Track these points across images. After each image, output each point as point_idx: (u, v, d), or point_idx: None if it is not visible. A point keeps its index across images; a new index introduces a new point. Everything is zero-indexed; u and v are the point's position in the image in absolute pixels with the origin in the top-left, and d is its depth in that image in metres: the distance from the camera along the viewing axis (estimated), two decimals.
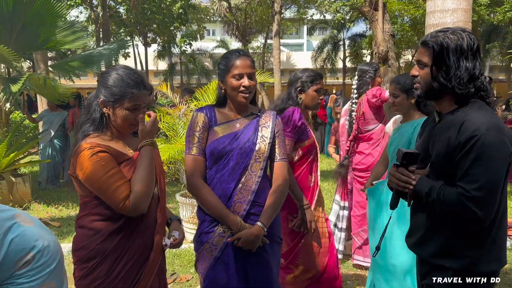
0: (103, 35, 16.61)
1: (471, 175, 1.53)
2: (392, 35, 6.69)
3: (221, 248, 2.05)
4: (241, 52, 2.13)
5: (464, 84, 1.60)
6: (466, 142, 1.53)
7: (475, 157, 1.52)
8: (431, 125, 1.80)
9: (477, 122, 1.54)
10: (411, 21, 20.07)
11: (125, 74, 1.79)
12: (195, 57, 27.24)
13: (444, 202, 1.57)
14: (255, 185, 2.08)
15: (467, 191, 1.52)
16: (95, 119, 1.81)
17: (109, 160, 1.71)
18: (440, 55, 1.62)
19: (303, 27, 34.55)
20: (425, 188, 1.63)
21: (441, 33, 1.64)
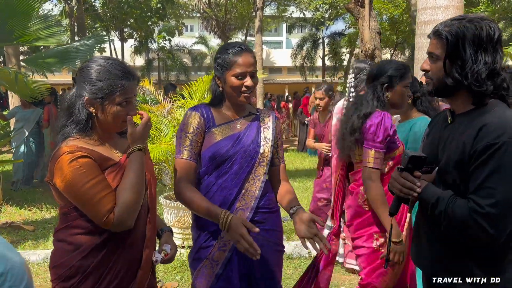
0: (78, 29, 16.09)
1: (487, 188, 1.33)
2: (379, 32, 6.62)
3: (223, 264, 1.86)
4: (243, 47, 1.89)
5: (482, 81, 1.39)
6: (484, 150, 1.33)
7: (494, 168, 1.32)
8: (441, 125, 1.60)
9: (499, 128, 1.34)
10: (390, 20, 20.21)
11: (110, 64, 1.57)
12: (174, 53, 26.85)
13: (452, 216, 1.38)
14: (258, 191, 1.90)
15: (481, 206, 1.32)
16: (80, 121, 1.58)
17: (92, 167, 1.50)
18: (455, 47, 1.41)
19: (282, 24, 34.52)
20: (432, 198, 1.44)
21: (456, 21, 1.43)
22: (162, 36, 23.11)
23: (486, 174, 1.33)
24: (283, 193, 1.98)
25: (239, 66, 1.84)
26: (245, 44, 1.97)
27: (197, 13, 24.66)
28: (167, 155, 4.39)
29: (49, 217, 5.68)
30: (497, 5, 19.84)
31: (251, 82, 1.86)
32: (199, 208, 1.81)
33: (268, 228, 1.93)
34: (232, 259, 1.86)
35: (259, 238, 1.89)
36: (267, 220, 1.94)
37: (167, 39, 23.20)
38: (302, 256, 4.15)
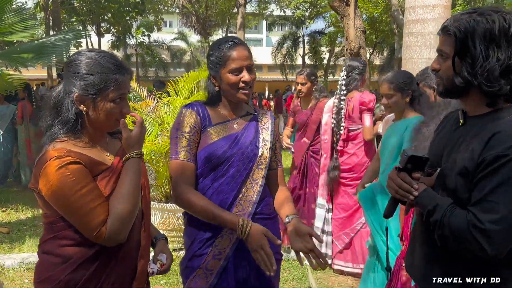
0: (53, 23, 15.61)
1: (490, 202, 1.20)
2: (364, 31, 6.59)
3: (218, 273, 1.74)
4: (236, 41, 1.78)
5: (494, 79, 1.25)
6: (493, 161, 1.20)
7: (500, 182, 1.19)
8: (451, 126, 1.48)
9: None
10: (370, 20, 20.40)
11: (101, 57, 1.43)
12: (152, 49, 26.42)
13: (448, 226, 1.27)
14: (256, 196, 1.79)
15: (481, 221, 1.20)
16: (68, 120, 1.42)
17: (82, 174, 1.36)
18: (464, 43, 1.28)
19: (262, 22, 34.45)
20: (429, 204, 1.33)
21: (466, 15, 1.30)
22: (141, 31, 22.66)
23: (492, 187, 1.21)
24: (281, 201, 1.88)
25: (234, 61, 1.72)
26: (238, 38, 1.86)
27: (177, 8, 24.34)
28: (151, 155, 4.24)
29: (24, 218, 5.44)
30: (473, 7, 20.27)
31: (249, 77, 1.74)
32: (208, 215, 1.69)
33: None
34: (227, 268, 1.75)
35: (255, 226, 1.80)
36: (264, 226, 1.82)
37: (146, 34, 22.77)
38: (291, 257, 4.08)
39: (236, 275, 1.75)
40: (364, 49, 6.72)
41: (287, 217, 1.78)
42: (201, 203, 1.70)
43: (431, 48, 4.36)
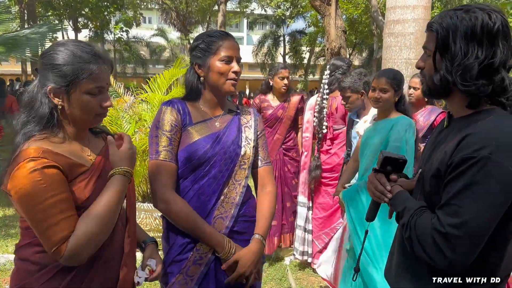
0: (28, 17, 15.18)
1: (454, 206, 1.14)
2: (344, 31, 6.61)
3: (199, 279, 1.66)
4: (227, 32, 1.75)
5: (470, 78, 1.19)
6: (460, 163, 1.14)
7: (465, 185, 1.13)
8: (439, 128, 1.44)
9: (483, 140, 1.14)
10: (349, 21, 20.58)
11: (75, 47, 1.34)
12: (131, 45, 26.03)
13: (414, 229, 1.22)
14: (239, 197, 1.72)
15: (442, 224, 1.14)
16: (42, 115, 1.32)
17: (56, 182, 1.25)
18: (445, 40, 1.24)
19: (243, 20, 34.37)
20: (398, 207, 1.31)
21: (451, 12, 1.26)
22: (119, 27, 22.28)
23: (456, 190, 1.15)
24: (261, 210, 1.80)
25: (225, 49, 1.67)
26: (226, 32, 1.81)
27: (156, 4, 24.05)
28: None
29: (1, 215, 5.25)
30: None
31: (239, 68, 1.70)
32: (190, 225, 1.63)
33: (248, 239, 1.76)
34: (208, 274, 1.67)
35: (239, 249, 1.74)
36: (248, 230, 1.77)
37: (124, 30, 22.40)
38: (271, 258, 4.04)
39: (218, 281, 1.69)
40: (345, 49, 6.74)
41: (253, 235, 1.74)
42: (185, 210, 1.62)
43: (411, 48, 4.40)
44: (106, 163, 1.45)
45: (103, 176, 1.40)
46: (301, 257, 3.89)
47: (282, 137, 4.02)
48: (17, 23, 16.43)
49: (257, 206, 1.81)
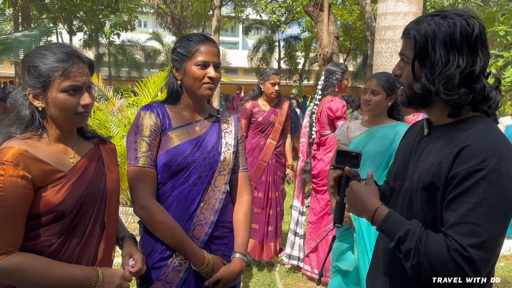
0: (22, 20, 15.11)
1: (470, 224, 1.07)
2: (337, 37, 6.63)
3: (178, 286, 1.63)
4: (206, 37, 1.71)
5: (453, 87, 1.17)
6: (467, 177, 1.09)
7: (479, 199, 1.07)
8: (416, 136, 1.38)
9: (485, 150, 1.10)
10: (344, 26, 20.67)
11: (52, 48, 1.35)
12: (125, 48, 26.00)
13: (425, 254, 1.11)
14: (218, 203, 1.70)
15: (464, 248, 1.06)
16: (23, 118, 1.34)
17: (14, 195, 1.23)
18: (424, 47, 1.20)
19: (238, 25, 34.46)
20: (399, 230, 1.16)
21: (428, 18, 1.22)
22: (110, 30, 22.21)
23: (469, 207, 1.08)
24: (237, 220, 1.79)
25: (201, 54, 1.64)
26: (208, 35, 1.78)
27: (151, 8, 24.05)
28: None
29: None
30: None
31: (215, 73, 1.66)
32: (168, 235, 1.61)
33: (228, 242, 1.75)
34: (188, 280, 1.65)
35: (219, 254, 1.72)
36: (227, 235, 1.75)
37: (115, 33, 22.32)
38: (260, 263, 4.01)
39: (197, 286, 1.66)
40: (337, 55, 6.76)
41: (234, 252, 1.73)
42: (167, 221, 1.60)
43: None
44: (89, 167, 1.43)
45: (82, 179, 1.39)
46: (287, 260, 3.88)
47: (275, 142, 3.99)
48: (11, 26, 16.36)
49: (233, 218, 1.79)
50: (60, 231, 1.33)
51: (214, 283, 1.65)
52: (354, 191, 1.29)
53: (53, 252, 1.32)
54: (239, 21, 28.37)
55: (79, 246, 1.37)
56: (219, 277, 1.65)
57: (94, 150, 1.49)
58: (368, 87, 2.56)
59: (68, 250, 1.35)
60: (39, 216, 1.29)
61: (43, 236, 1.31)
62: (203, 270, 1.63)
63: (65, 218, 1.33)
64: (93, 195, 1.41)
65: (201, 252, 1.64)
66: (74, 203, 1.34)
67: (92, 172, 1.43)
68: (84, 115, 1.39)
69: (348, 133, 2.76)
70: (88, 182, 1.40)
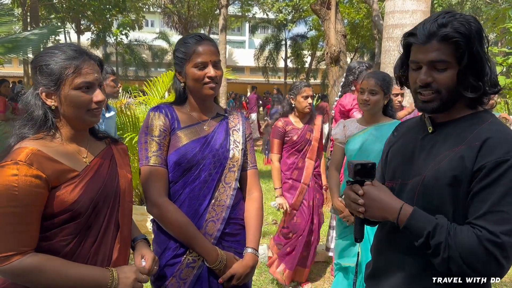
0: (31, 20, 15.26)
1: (500, 213, 1.11)
2: (344, 35, 6.61)
3: (192, 282, 1.66)
4: (202, 36, 1.73)
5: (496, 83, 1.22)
6: (495, 168, 1.12)
7: (508, 189, 1.11)
8: (415, 134, 1.39)
9: (506, 142, 1.15)
10: (351, 25, 20.59)
11: (61, 47, 1.37)
12: (133, 48, 26.12)
13: (455, 247, 1.13)
14: (229, 200, 1.73)
15: (496, 235, 1.10)
16: (36, 118, 1.35)
17: (29, 194, 1.24)
18: (469, 49, 1.19)
19: (245, 24, 34.48)
20: (427, 225, 1.17)
21: (452, 18, 1.20)
22: (118, 30, 22.33)
23: (499, 196, 1.12)
24: (249, 217, 1.81)
25: (199, 55, 1.67)
26: (204, 34, 1.80)
27: (158, 8, 24.14)
28: None
29: None
30: None
31: (214, 72, 1.69)
32: (182, 233, 1.64)
33: (240, 239, 1.78)
34: (201, 276, 1.68)
35: (231, 251, 1.74)
36: (239, 231, 1.78)
37: (124, 33, 22.44)
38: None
39: (211, 283, 1.69)
40: (344, 53, 6.74)
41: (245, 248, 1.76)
42: (180, 219, 1.63)
43: None
44: (102, 166, 1.44)
45: (96, 178, 1.40)
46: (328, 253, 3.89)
47: (313, 161, 3.61)
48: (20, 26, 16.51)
49: (245, 214, 1.82)
50: (75, 230, 1.34)
51: (228, 279, 1.67)
52: (373, 196, 1.27)
53: (69, 252, 1.33)
54: (246, 20, 28.39)
55: (94, 246, 1.38)
56: (233, 273, 1.67)
57: (106, 150, 1.50)
58: (366, 87, 2.57)
59: (83, 249, 1.36)
60: (54, 216, 1.30)
61: (60, 236, 1.32)
62: (216, 266, 1.65)
63: (80, 217, 1.34)
64: (107, 194, 1.42)
65: (214, 249, 1.66)
66: (89, 202, 1.35)
67: (105, 171, 1.45)
68: (96, 112, 1.40)
69: (345, 131, 2.79)
70: (101, 181, 1.41)
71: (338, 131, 2.84)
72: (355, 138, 2.68)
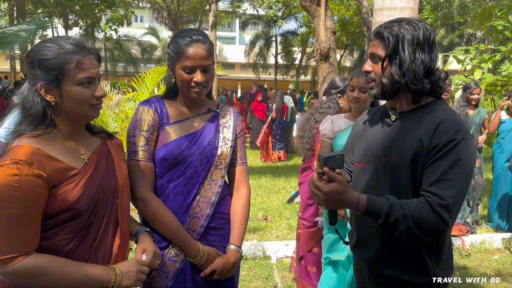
0: (18, 14, 15.04)
1: (448, 180, 1.35)
2: (334, 32, 6.63)
3: (174, 275, 1.67)
4: (194, 37, 1.65)
5: (419, 79, 1.43)
6: (445, 144, 1.37)
7: (454, 162, 1.36)
8: (379, 123, 1.60)
9: (455, 125, 1.40)
10: (341, 22, 20.67)
11: (60, 40, 1.32)
12: (122, 43, 25.90)
13: (409, 218, 1.34)
14: (214, 197, 1.73)
15: (443, 198, 1.34)
16: (35, 115, 1.30)
17: (30, 195, 1.21)
18: (395, 47, 1.45)
19: (235, 20, 34.37)
20: (383, 208, 1.37)
21: (396, 23, 1.47)
22: (108, 26, 22.12)
23: (446, 167, 1.36)
24: (235, 213, 1.81)
25: (187, 59, 1.63)
26: (200, 33, 1.73)
27: (148, 3, 23.98)
28: None
29: None
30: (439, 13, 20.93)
31: (201, 78, 1.65)
32: (167, 229, 1.65)
33: (225, 233, 1.78)
34: (184, 270, 1.68)
35: (216, 244, 1.75)
36: (224, 226, 1.79)
37: (113, 29, 22.23)
38: (257, 256, 4.05)
39: (194, 277, 1.69)
40: (334, 50, 6.76)
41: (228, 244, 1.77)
42: (164, 214, 1.64)
43: None
44: (100, 163, 1.43)
45: (95, 175, 1.38)
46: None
47: None
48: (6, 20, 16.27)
49: (231, 210, 1.82)
50: (76, 229, 1.32)
51: (210, 274, 1.69)
52: (334, 195, 1.38)
53: (70, 251, 1.31)
54: (236, 16, 28.32)
55: (94, 243, 1.37)
56: (214, 268, 1.68)
57: (102, 146, 1.48)
58: (356, 85, 2.60)
59: (84, 248, 1.34)
60: (55, 215, 1.28)
61: (61, 235, 1.30)
62: (198, 261, 1.66)
63: (81, 216, 1.32)
64: (106, 191, 1.41)
65: (196, 244, 1.67)
66: (89, 200, 1.33)
67: (103, 168, 1.43)
68: (97, 107, 1.38)
69: (333, 127, 2.81)
70: (100, 178, 1.39)
71: (326, 127, 2.86)
72: (343, 133, 2.70)
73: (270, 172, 8.41)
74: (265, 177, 7.86)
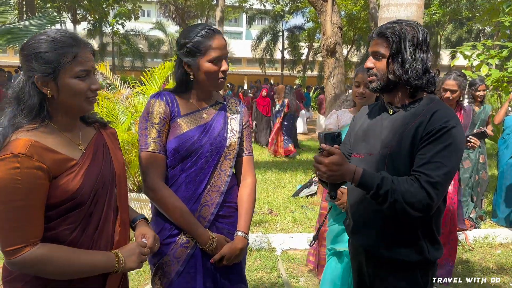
0: (27, 9, 15.14)
1: (438, 162, 1.51)
2: (340, 27, 6.64)
3: (185, 261, 1.76)
4: (214, 29, 1.75)
5: (420, 76, 1.59)
6: (439, 130, 1.52)
7: (445, 146, 1.51)
8: (377, 116, 1.73)
9: (448, 114, 1.56)
10: (348, 17, 20.57)
11: (55, 33, 1.33)
12: (129, 38, 25.98)
13: (399, 192, 1.49)
14: (224, 186, 1.81)
15: (431, 176, 1.49)
16: (31, 107, 1.31)
17: (32, 187, 1.24)
18: (398, 46, 1.60)
19: (242, 15, 34.32)
20: (375, 180, 1.51)
21: (397, 24, 1.62)
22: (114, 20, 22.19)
23: (438, 150, 1.51)
24: (241, 201, 1.89)
25: (214, 50, 1.71)
26: (212, 26, 1.83)
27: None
28: (123, 144, 4.20)
29: None
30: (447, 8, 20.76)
31: (227, 66, 1.77)
32: (177, 217, 1.73)
33: (233, 221, 1.87)
34: (195, 255, 1.77)
35: (224, 232, 1.83)
36: (232, 214, 1.87)
37: (120, 23, 22.30)
38: (262, 248, 4.13)
39: (204, 262, 1.78)
40: (341, 46, 6.77)
41: (236, 231, 1.85)
42: (175, 203, 1.72)
43: None
44: (97, 152, 1.46)
45: (93, 165, 1.42)
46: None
47: None
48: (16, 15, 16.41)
49: (238, 199, 1.89)
50: (78, 218, 1.36)
51: (219, 259, 1.77)
52: (334, 162, 1.52)
53: (73, 240, 1.35)
54: (243, 11, 28.26)
55: (96, 231, 1.41)
56: (223, 254, 1.76)
57: (97, 136, 1.51)
58: (361, 81, 2.64)
59: (86, 236, 1.39)
60: (57, 206, 1.31)
61: (63, 225, 1.34)
62: (207, 248, 1.75)
63: (83, 205, 1.36)
64: (104, 179, 1.44)
65: (205, 232, 1.75)
66: (90, 189, 1.37)
67: (100, 157, 1.47)
68: (92, 100, 1.41)
69: (339, 122, 2.87)
70: (99, 167, 1.43)
71: (332, 121, 2.91)
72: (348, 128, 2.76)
73: (275, 166, 8.48)
74: (271, 171, 7.93)
